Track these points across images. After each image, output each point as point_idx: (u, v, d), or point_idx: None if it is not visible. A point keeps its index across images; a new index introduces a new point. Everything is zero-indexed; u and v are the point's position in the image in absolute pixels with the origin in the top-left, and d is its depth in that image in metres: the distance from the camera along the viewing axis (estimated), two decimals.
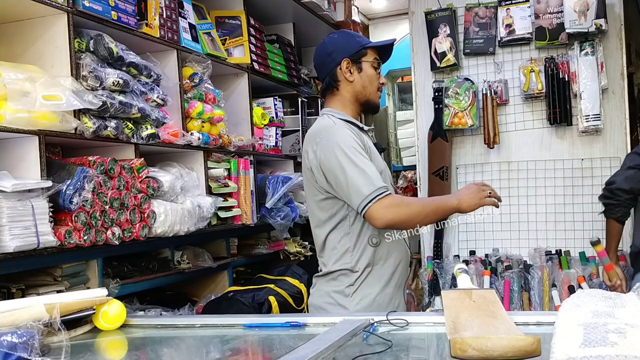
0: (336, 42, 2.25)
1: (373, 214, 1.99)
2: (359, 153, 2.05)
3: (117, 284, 2.41)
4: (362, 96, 2.23)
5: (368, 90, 2.23)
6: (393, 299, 2.19)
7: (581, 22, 3.54)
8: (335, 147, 2.05)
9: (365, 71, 2.21)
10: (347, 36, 2.28)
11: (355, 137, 2.10)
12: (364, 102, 2.24)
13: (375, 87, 2.24)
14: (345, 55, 2.20)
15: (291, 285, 3.08)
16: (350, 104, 2.23)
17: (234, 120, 3.32)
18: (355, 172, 2.01)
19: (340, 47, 2.22)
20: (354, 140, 2.07)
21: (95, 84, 2.26)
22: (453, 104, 3.85)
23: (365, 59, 2.21)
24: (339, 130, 2.11)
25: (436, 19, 3.97)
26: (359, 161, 2.03)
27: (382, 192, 1.99)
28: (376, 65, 2.24)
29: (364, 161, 2.04)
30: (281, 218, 3.47)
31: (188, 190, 2.77)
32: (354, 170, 2.01)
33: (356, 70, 2.21)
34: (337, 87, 2.23)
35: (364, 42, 2.25)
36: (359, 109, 2.26)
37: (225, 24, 3.36)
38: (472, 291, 1.65)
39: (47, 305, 1.53)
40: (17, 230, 1.93)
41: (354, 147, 2.05)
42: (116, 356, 1.70)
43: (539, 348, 1.20)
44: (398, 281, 2.21)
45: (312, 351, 1.31)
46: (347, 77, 2.20)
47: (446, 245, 3.99)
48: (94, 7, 2.30)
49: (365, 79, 2.22)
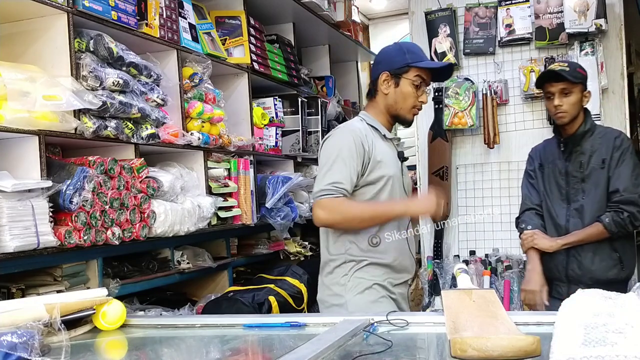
0: (386, 53, 2.35)
1: (313, 210, 2.19)
2: (344, 156, 2.17)
3: (117, 284, 2.41)
4: (393, 110, 2.32)
5: (399, 106, 2.31)
6: (390, 293, 2.30)
7: (581, 22, 3.54)
8: (329, 145, 2.25)
9: (401, 88, 2.29)
10: (398, 50, 2.33)
11: (356, 144, 2.19)
12: (393, 115, 2.34)
13: (409, 105, 2.31)
14: (386, 69, 2.29)
15: (291, 285, 3.08)
16: (382, 113, 2.34)
17: (234, 120, 3.32)
18: (326, 169, 2.18)
19: (386, 59, 2.32)
20: (350, 145, 2.19)
21: (95, 84, 2.26)
22: (453, 104, 3.85)
23: (406, 76, 2.27)
24: (344, 132, 2.27)
25: (436, 19, 3.98)
26: (337, 162, 2.17)
27: (329, 193, 2.13)
28: (417, 84, 2.28)
29: (342, 164, 2.16)
30: (281, 218, 3.47)
31: (188, 190, 2.77)
32: (327, 167, 2.19)
33: (393, 85, 2.29)
34: (374, 95, 2.35)
35: (412, 60, 2.28)
36: (390, 119, 2.36)
37: (225, 24, 3.36)
38: (472, 291, 1.65)
39: (47, 305, 1.53)
40: (17, 230, 1.93)
41: (345, 150, 2.18)
42: (116, 356, 1.70)
43: (539, 348, 1.20)
44: (395, 277, 2.31)
45: (312, 351, 1.31)
46: (382, 89, 2.31)
47: (446, 245, 3.99)
48: (94, 7, 2.30)
49: (398, 95, 2.29)
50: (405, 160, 2.40)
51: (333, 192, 2.13)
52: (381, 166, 2.24)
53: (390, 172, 2.27)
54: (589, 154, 2.71)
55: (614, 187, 2.66)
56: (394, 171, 2.29)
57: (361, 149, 2.20)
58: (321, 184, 2.17)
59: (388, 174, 2.26)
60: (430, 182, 3.98)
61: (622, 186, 2.65)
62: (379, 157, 2.24)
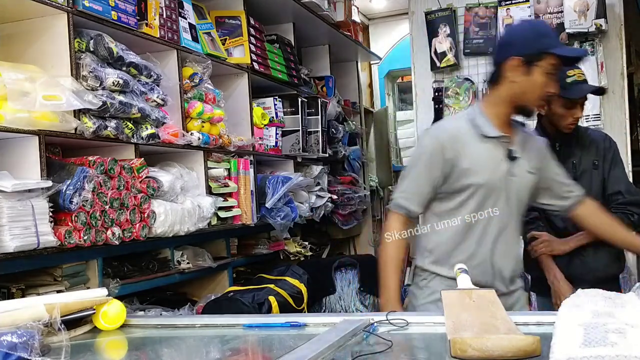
0: (518, 34, 2.09)
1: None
2: (420, 166, 2.13)
3: (117, 284, 2.41)
4: (519, 100, 2.06)
5: (527, 97, 2.04)
6: None
7: (581, 22, 3.54)
8: (416, 148, 2.32)
9: (533, 76, 2.00)
10: (533, 32, 2.05)
11: (434, 154, 2.09)
12: (518, 106, 2.08)
13: (538, 95, 2.05)
14: (517, 53, 2.00)
15: (291, 285, 3.08)
16: (503, 103, 2.08)
17: (234, 120, 3.32)
18: (405, 174, 2.20)
19: (519, 41, 2.02)
20: (427, 155, 2.12)
21: (95, 84, 2.26)
22: (453, 104, 3.85)
23: (541, 63, 1.99)
24: (429, 136, 2.19)
25: (436, 19, 3.98)
26: (412, 171, 2.16)
27: (395, 206, 2.15)
28: (552, 72, 2.02)
29: (416, 175, 2.14)
30: (281, 218, 3.47)
31: (188, 190, 2.77)
32: (405, 172, 2.20)
33: (524, 72, 2.01)
34: (498, 81, 2.07)
35: (549, 45, 2.00)
36: (510, 110, 2.10)
37: (225, 24, 3.36)
38: (472, 291, 1.65)
39: (47, 305, 1.53)
40: (17, 230, 1.92)
41: (423, 159, 2.14)
42: (116, 356, 1.70)
43: (539, 348, 1.20)
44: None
45: (312, 351, 1.31)
46: (510, 77, 2.03)
47: None
48: (94, 7, 2.30)
49: (528, 85, 2.01)
50: (514, 159, 2.10)
51: (397, 207, 2.14)
52: (469, 174, 2.06)
53: (480, 180, 2.06)
54: (580, 156, 2.69)
55: (615, 189, 2.64)
56: (488, 178, 2.07)
57: (439, 159, 2.07)
58: (397, 189, 2.20)
59: (477, 182, 2.06)
60: None
61: (623, 188, 2.64)
62: (467, 164, 2.05)
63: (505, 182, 2.09)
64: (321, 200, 4.10)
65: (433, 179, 2.09)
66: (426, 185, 2.11)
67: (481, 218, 2.10)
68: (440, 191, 2.12)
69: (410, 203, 2.12)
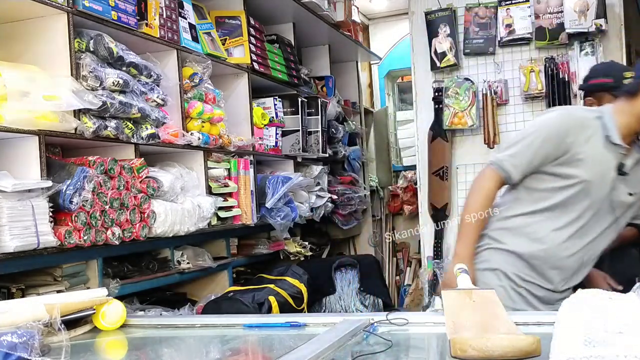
0: None
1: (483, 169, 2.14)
2: (539, 139, 2.03)
3: (117, 284, 2.41)
4: None
5: None
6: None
7: (581, 22, 3.54)
8: (542, 119, 2.13)
9: None
10: None
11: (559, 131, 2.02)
12: None
13: None
14: None
15: (291, 285, 3.08)
16: (635, 117, 2.01)
17: (234, 120, 3.31)
18: (518, 139, 2.07)
19: None
20: (552, 130, 2.04)
21: (95, 84, 2.26)
22: (453, 104, 3.85)
23: None
24: (562, 114, 2.10)
25: (436, 19, 3.97)
26: (528, 139, 2.04)
27: (497, 165, 2.06)
28: None
29: (530, 144, 2.04)
30: (281, 218, 3.47)
31: (188, 190, 2.77)
32: (519, 138, 2.07)
33: None
34: (636, 94, 2.00)
35: None
36: (638, 128, 2.03)
37: (225, 24, 3.36)
38: (472, 291, 1.65)
39: (47, 305, 1.53)
40: (17, 230, 1.93)
41: (544, 132, 2.05)
42: (116, 356, 1.71)
43: (539, 348, 1.20)
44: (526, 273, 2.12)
45: (312, 351, 1.31)
46: None
47: (446, 245, 3.99)
48: (94, 7, 2.30)
49: None
50: (623, 174, 2.04)
51: (501, 168, 2.05)
52: (578, 166, 2.01)
53: (586, 176, 2.01)
54: None
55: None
56: (594, 178, 2.02)
57: (559, 139, 2.01)
58: (505, 149, 2.09)
59: (582, 177, 2.01)
60: (430, 182, 3.97)
61: None
62: (582, 155, 2.00)
63: (606, 191, 2.05)
64: (321, 200, 4.10)
65: (545, 155, 2.03)
66: (536, 159, 2.04)
67: (569, 210, 2.07)
68: (544, 170, 2.06)
69: (516, 170, 2.06)
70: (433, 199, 3.97)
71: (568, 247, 2.08)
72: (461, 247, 2.08)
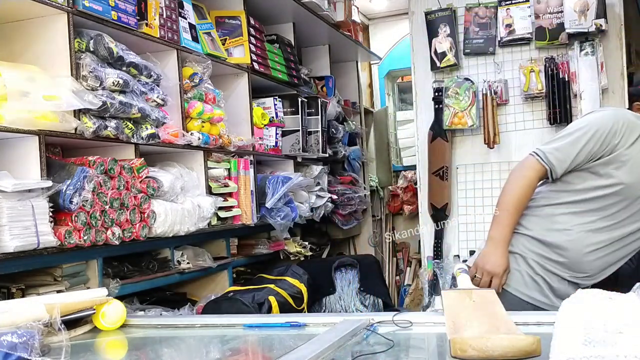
0: None
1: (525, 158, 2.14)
2: (587, 136, 2.02)
3: (117, 284, 2.41)
4: None
5: None
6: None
7: (581, 22, 3.54)
8: (591, 117, 2.10)
9: None
10: None
11: (608, 132, 2.01)
12: None
13: None
14: None
15: (291, 285, 3.08)
16: None
17: (234, 120, 3.32)
18: (564, 135, 2.08)
19: None
20: (601, 130, 2.02)
21: (95, 84, 2.26)
22: (453, 104, 3.85)
23: None
24: (612, 115, 2.08)
25: (436, 19, 3.97)
26: (575, 136, 2.04)
27: (539, 156, 2.06)
28: None
29: (577, 142, 2.03)
30: (281, 218, 3.47)
31: (188, 190, 2.77)
32: (566, 133, 2.07)
33: None
34: None
35: None
36: None
37: (225, 24, 3.36)
38: (472, 291, 1.65)
39: (47, 305, 1.53)
40: (17, 230, 1.93)
41: (592, 131, 2.03)
42: (116, 356, 1.71)
43: (539, 348, 1.20)
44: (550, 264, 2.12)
45: (312, 351, 1.31)
46: None
47: (446, 245, 3.99)
48: (94, 7, 2.30)
49: None
50: None
51: (546, 161, 2.05)
52: (620, 167, 2.02)
53: (626, 179, 2.02)
54: None
55: None
56: (633, 181, 2.03)
57: (606, 138, 2.01)
58: (549, 145, 2.09)
59: (621, 179, 2.03)
60: (430, 182, 3.97)
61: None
62: (626, 157, 2.02)
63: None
64: (321, 200, 4.10)
65: (591, 153, 2.03)
66: (581, 155, 2.04)
67: (602, 209, 2.07)
68: (585, 167, 2.07)
69: (560, 165, 2.06)
70: (433, 199, 3.97)
71: (595, 244, 2.08)
72: (496, 232, 2.11)
